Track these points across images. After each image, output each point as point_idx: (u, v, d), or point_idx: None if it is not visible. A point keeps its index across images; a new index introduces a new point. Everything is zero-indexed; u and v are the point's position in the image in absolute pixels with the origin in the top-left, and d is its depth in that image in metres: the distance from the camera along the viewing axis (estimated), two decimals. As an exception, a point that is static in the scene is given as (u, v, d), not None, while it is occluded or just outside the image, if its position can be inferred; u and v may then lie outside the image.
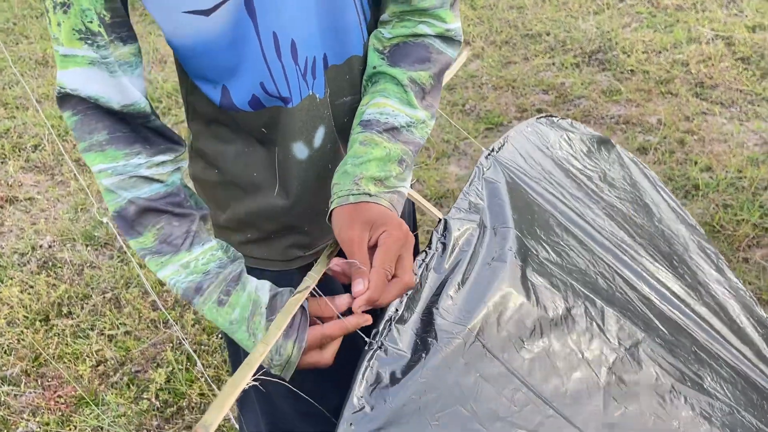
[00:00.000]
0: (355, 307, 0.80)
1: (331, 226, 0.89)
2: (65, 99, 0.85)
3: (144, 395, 2.12)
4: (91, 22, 0.80)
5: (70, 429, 2.04)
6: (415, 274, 0.92)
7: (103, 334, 2.34)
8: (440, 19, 0.95)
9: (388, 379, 0.78)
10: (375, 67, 0.96)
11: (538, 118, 1.33)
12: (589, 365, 0.84)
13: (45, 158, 3.34)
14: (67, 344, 2.31)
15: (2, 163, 3.33)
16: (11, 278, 2.59)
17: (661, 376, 0.86)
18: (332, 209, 0.88)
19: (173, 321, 2.29)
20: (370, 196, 0.87)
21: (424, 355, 0.82)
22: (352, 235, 0.83)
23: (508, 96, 3.60)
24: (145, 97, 0.88)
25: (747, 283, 2.34)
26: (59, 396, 2.14)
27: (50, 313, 2.43)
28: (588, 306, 0.91)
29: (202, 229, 0.90)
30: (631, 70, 3.69)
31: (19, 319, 2.40)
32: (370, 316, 0.83)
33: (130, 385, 2.15)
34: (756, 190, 2.74)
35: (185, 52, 0.89)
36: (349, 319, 0.84)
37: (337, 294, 1.00)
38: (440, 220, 1.04)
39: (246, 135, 0.99)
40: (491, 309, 0.87)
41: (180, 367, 2.19)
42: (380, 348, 0.82)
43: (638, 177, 1.37)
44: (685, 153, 3.01)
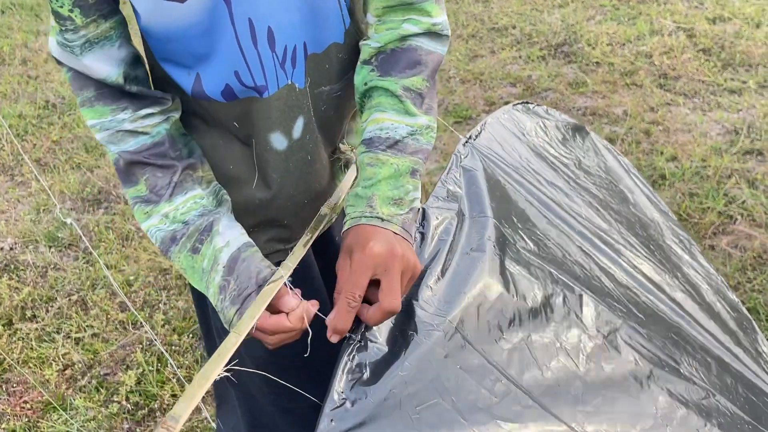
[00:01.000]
0: (328, 335, 0.82)
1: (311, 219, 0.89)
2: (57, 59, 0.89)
3: (114, 398, 2.07)
4: (62, 7, 0.82)
5: (38, 435, 1.99)
6: None
7: (69, 337, 2.28)
8: (426, 14, 0.92)
9: (369, 374, 0.77)
10: (366, 83, 0.94)
11: (514, 104, 1.32)
12: (567, 354, 0.84)
13: (4, 158, 3.25)
14: (32, 348, 2.24)
15: (-41, 164, 3.23)
16: (-29, 282, 2.51)
17: (639, 362, 0.87)
18: (343, 231, 0.88)
19: (143, 321, 2.24)
20: (382, 220, 0.86)
21: (404, 349, 0.81)
22: (338, 266, 0.85)
23: (476, 89, 3.61)
24: (124, 65, 0.88)
25: (714, 269, 2.39)
26: (25, 402, 2.08)
27: (13, 317, 2.36)
28: (566, 294, 0.91)
29: (186, 178, 0.92)
30: (597, 63, 3.73)
31: (-20, 324, 2.33)
32: (304, 324, 0.85)
33: (99, 389, 2.11)
34: (720, 179, 2.79)
35: (158, 38, 0.88)
36: (286, 320, 0.85)
37: (314, 281, 0.98)
38: (418, 209, 1.03)
39: (220, 127, 0.97)
40: (471, 300, 0.86)
41: (151, 368, 2.14)
42: (360, 342, 0.80)
43: (613, 164, 1.38)
44: (651, 143, 3.06)
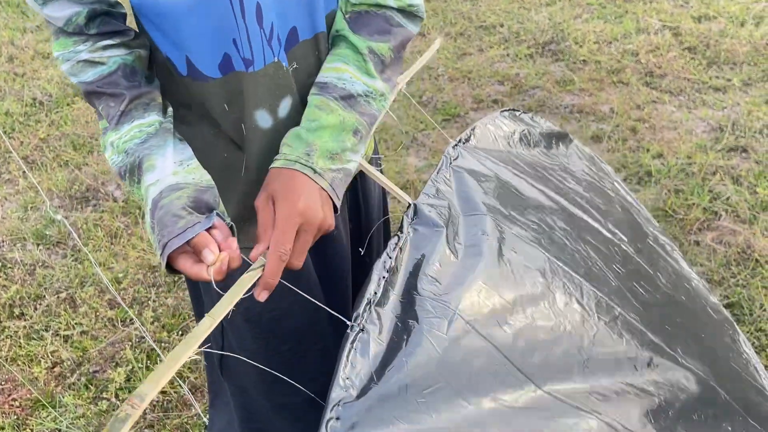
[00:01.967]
0: (257, 294, 0.83)
1: None
2: None
3: (103, 395, 2.06)
4: None
5: (27, 433, 1.97)
6: (390, 258, 0.92)
7: (58, 335, 2.27)
8: None
9: (373, 361, 0.78)
10: (338, 31, 0.96)
11: (501, 111, 1.35)
12: (571, 338, 0.85)
13: (-10, 155, 3.22)
14: (20, 346, 2.23)
15: (-56, 161, 3.19)
16: (-42, 280, 2.49)
17: (640, 348, 0.88)
18: (272, 167, 0.90)
19: (134, 317, 2.23)
20: (315, 172, 0.88)
21: (406, 336, 0.82)
22: (258, 202, 0.87)
23: (464, 87, 3.63)
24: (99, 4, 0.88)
25: (699, 264, 2.42)
26: (14, 399, 2.07)
27: (1, 315, 2.34)
28: (566, 282, 0.92)
29: (136, 106, 0.92)
30: (584, 60, 3.75)
31: (-33, 322, 2.31)
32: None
33: (89, 386, 2.09)
34: (705, 176, 2.83)
35: (149, 14, 0.88)
36: (205, 273, 0.83)
37: (309, 277, 0.98)
38: (410, 204, 1.03)
39: (210, 117, 0.97)
40: (471, 287, 0.87)
41: (140, 365, 2.14)
42: (362, 331, 0.81)
43: (596, 170, 1.41)
44: (638, 141, 3.09)
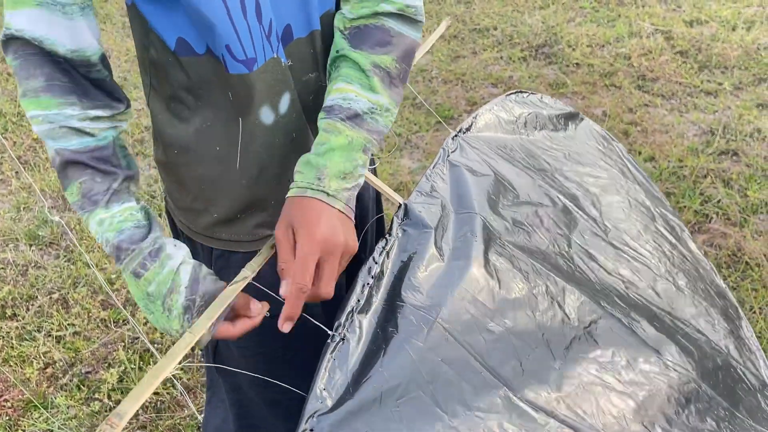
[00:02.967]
0: (280, 324, 0.85)
1: None
2: (9, 42, 0.84)
3: (95, 396, 2.07)
4: None
5: (19, 433, 1.97)
6: (376, 263, 0.93)
7: (50, 336, 2.27)
8: None
9: (351, 371, 0.79)
10: (338, 51, 0.96)
11: (508, 94, 1.32)
12: (548, 345, 0.86)
13: (-17, 156, 3.21)
14: (12, 347, 2.23)
15: (-63, 161, 3.19)
16: (-50, 280, 2.48)
17: (621, 350, 0.89)
18: (287, 196, 0.89)
19: (129, 316, 2.23)
20: (328, 195, 0.88)
21: (385, 345, 0.82)
22: (278, 233, 0.87)
23: (458, 89, 3.64)
24: (98, 43, 0.87)
25: (704, 254, 2.43)
26: (6, 400, 2.07)
27: (-7, 316, 2.34)
28: (549, 285, 0.93)
29: (124, 189, 0.90)
30: (577, 64, 3.77)
31: (-40, 323, 2.31)
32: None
33: (81, 387, 2.10)
34: (696, 179, 2.85)
35: (146, 8, 0.88)
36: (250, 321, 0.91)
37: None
38: (400, 205, 1.04)
39: (204, 110, 0.97)
40: (454, 293, 0.88)
41: (133, 366, 2.14)
42: (342, 340, 0.82)
43: (606, 149, 1.38)
44: (630, 144, 3.10)
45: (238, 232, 1.06)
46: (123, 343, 2.23)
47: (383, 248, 0.94)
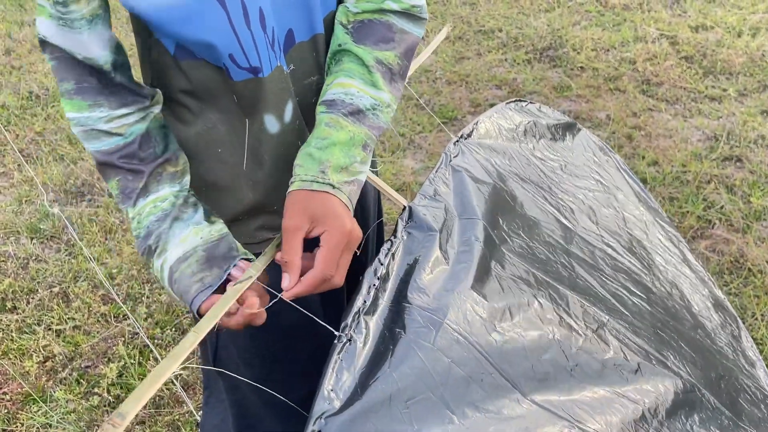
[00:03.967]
0: (286, 294, 0.85)
1: None
2: (44, 44, 0.88)
3: (95, 390, 2.06)
4: None
5: (17, 427, 1.97)
6: (382, 265, 0.93)
7: (50, 329, 2.27)
8: None
9: (359, 372, 0.78)
10: (340, 45, 0.95)
11: (507, 102, 1.33)
12: (558, 347, 0.86)
13: (-14, 148, 3.21)
14: (12, 340, 2.23)
15: (-61, 152, 3.19)
16: (-49, 272, 2.48)
17: (627, 356, 0.89)
18: (291, 190, 0.89)
19: (128, 312, 2.23)
20: (333, 187, 0.88)
21: (392, 346, 0.82)
22: (291, 224, 0.86)
23: (461, 91, 3.64)
24: (111, 50, 0.89)
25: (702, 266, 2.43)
26: (4, 393, 2.07)
27: (-6, 308, 2.34)
28: (552, 292, 0.92)
29: (151, 180, 0.93)
30: (581, 67, 3.77)
31: (-40, 315, 2.30)
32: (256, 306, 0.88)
33: (80, 381, 2.10)
34: (699, 184, 2.84)
35: (148, 18, 0.88)
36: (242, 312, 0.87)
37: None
38: (405, 207, 1.04)
39: (207, 114, 0.97)
40: (460, 296, 0.87)
41: (132, 361, 2.14)
42: (349, 341, 0.81)
43: (603, 161, 1.39)
44: (633, 148, 3.10)
45: (240, 235, 1.06)
46: (123, 338, 2.23)
47: (388, 250, 0.94)
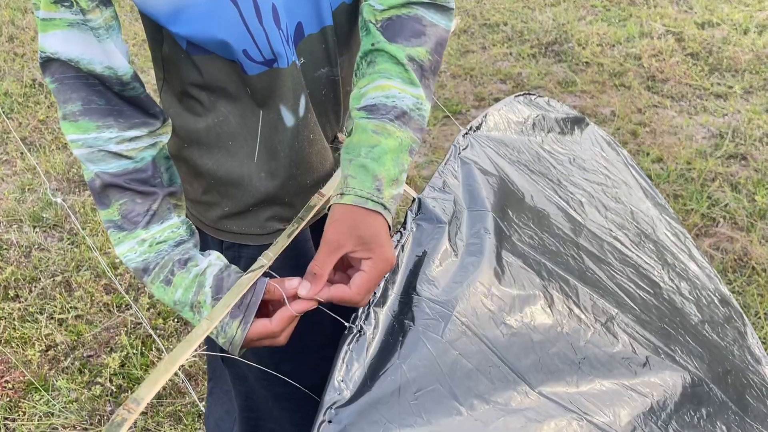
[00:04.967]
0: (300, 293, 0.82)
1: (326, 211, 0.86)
2: (46, 64, 0.84)
3: (97, 380, 2.06)
4: None
5: (19, 415, 1.97)
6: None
7: (53, 318, 2.26)
8: None
9: (368, 363, 0.78)
10: (373, 44, 0.91)
11: (516, 96, 1.32)
12: (567, 339, 0.85)
13: (-11, 136, 3.20)
14: (14, 328, 2.23)
15: (-58, 140, 3.18)
16: (-47, 260, 2.48)
17: (636, 349, 0.88)
18: (343, 202, 0.84)
19: (131, 301, 2.23)
20: (385, 208, 0.84)
21: (402, 338, 0.82)
22: (335, 240, 0.82)
23: (466, 84, 3.62)
24: (128, 62, 0.87)
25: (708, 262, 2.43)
26: (6, 381, 2.07)
27: (-4, 296, 2.34)
28: (562, 284, 0.92)
29: (164, 207, 0.89)
30: (586, 62, 3.76)
31: (-38, 303, 2.30)
32: (315, 303, 0.83)
33: (83, 370, 2.10)
34: (704, 182, 2.84)
35: (160, 18, 0.87)
36: (294, 306, 0.83)
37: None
38: (414, 199, 1.03)
39: (219, 107, 0.96)
40: (469, 288, 0.87)
41: (135, 351, 2.14)
42: (360, 332, 0.81)
43: (611, 156, 1.38)
44: (638, 144, 3.09)
45: (250, 225, 1.05)
46: (125, 328, 2.23)
47: (398, 242, 0.94)
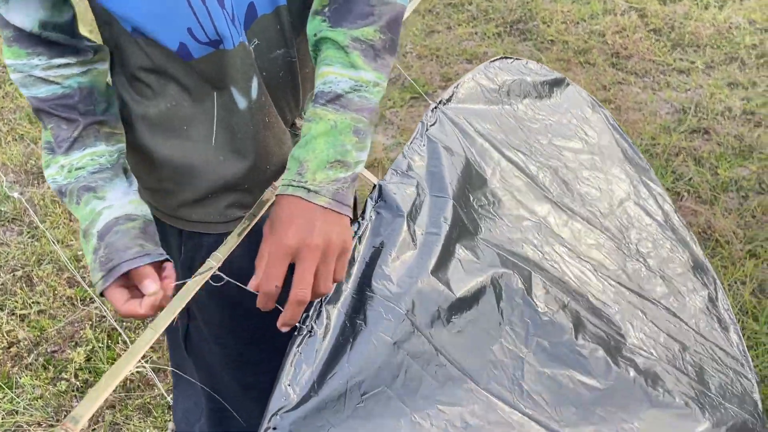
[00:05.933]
0: (279, 325, 0.80)
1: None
2: None
3: (62, 376, 2.03)
4: None
5: (-18, 415, 1.93)
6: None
7: (14, 314, 2.21)
8: None
9: (317, 366, 0.77)
10: (316, 34, 0.90)
11: (492, 60, 1.28)
12: (514, 335, 0.85)
13: (-58, 128, 3.10)
14: (-26, 326, 2.17)
15: None
16: None
17: (586, 337, 0.88)
18: (276, 194, 0.85)
19: (95, 295, 2.19)
20: (309, 191, 0.82)
21: (352, 339, 0.81)
22: (264, 230, 0.84)
23: (432, 65, 3.60)
24: (44, 10, 0.87)
25: (686, 224, 2.45)
26: (-32, 381, 2.02)
27: (-45, 294, 2.28)
28: (515, 274, 0.91)
29: (89, 134, 0.92)
30: (551, 40, 3.75)
31: None
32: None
33: (47, 366, 2.05)
34: (669, 157, 2.86)
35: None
36: (138, 307, 0.83)
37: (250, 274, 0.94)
38: (375, 185, 1.01)
39: (170, 90, 0.94)
40: (423, 283, 0.86)
41: (100, 344, 2.10)
42: (310, 333, 0.79)
43: (592, 118, 1.34)
44: (603, 121, 3.11)
45: (209, 213, 1.03)
46: (90, 322, 2.19)
47: (355, 233, 0.92)
